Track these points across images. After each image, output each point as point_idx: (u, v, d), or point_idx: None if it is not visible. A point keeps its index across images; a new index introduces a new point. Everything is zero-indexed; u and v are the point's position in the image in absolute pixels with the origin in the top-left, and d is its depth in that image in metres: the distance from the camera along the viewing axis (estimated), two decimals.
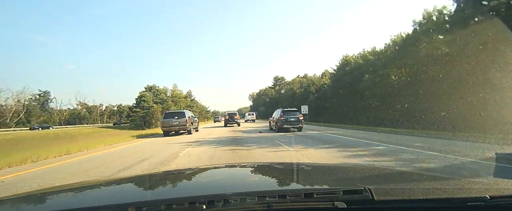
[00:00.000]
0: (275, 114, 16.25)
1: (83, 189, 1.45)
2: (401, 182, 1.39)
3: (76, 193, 1.36)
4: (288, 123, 14.43)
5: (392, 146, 7.68)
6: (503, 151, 5.75)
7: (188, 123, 15.37)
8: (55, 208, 1.08)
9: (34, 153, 8.48)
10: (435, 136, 9.78)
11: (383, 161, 5.40)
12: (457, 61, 13.53)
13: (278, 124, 14.60)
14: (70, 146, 10.37)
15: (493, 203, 0.87)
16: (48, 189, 1.69)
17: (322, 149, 7.41)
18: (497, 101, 9.44)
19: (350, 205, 0.89)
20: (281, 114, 14.77)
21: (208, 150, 7.93)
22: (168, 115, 15.69)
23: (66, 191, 1.42)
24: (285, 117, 14.47)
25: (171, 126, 15.00)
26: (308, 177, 1.53)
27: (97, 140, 14.71)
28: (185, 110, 16.81)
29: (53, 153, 8.52)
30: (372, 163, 5.24)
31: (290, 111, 15.29)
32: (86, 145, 10.98)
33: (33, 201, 1.18)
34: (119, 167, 5.82)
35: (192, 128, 16.15)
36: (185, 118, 15.15)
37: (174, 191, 1.31)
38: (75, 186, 1.60)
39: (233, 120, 24.63)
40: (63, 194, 1.33)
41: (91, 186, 1.53)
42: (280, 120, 14.47)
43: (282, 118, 14.44)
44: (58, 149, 9.63)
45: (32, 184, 4.64)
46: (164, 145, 10.14)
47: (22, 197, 1.31)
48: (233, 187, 1.31)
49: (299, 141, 9.90)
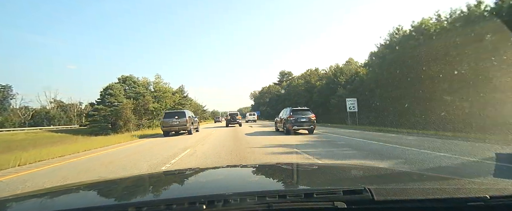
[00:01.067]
0: (283, 113, 14.53)
1: (83, 189, 1.45)
2: (401, 182, 1.39)
3: (76, 193, 1.36)
4: (298, 124, 12.71)
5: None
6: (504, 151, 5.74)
7: (189, 123, 15.28)
8: (55, 208, 1.08)
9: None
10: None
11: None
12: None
13: (287, 125, 12.97)
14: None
15: (493, 203, 0.87)
16: (47, 189, 1.69)
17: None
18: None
19: (350, 205, 0.89)
20: (290, 114, 12.96)
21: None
22: (168, 115, 15.69)
23: (66, 191, 1.42)
24: (295, 117, 12.71)
25: (171, 126, 14.97)
26: (308, 177, 1.53)
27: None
28: (185, 110, 16.74)
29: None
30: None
31: (301, 110, 13.38)
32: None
33: (33, 201, 1.18)
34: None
35: (192, 128, 16.07)
36: (185, 118, 15.10)
37: (174, 191, 1.31)
38: (75, 186, 1.60)
39: (235, 121, 24.99)
40: (63, 194, 1.33)
41: (91, 186, 1.53)
42: (289, 120, 12.78)
43: (292, 119, 12.71)
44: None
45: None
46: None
47: (21, 197, 1.31)
48: (233, 187, 1.31)
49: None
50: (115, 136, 17.59)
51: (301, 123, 12.73)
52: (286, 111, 14.10)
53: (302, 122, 12.73)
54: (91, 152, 9.46)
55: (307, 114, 13.08)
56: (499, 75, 11.27)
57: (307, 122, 12.79)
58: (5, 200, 1.14)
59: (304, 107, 14.45)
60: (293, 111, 13.08)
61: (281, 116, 14.68)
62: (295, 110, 13.22)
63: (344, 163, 5.13)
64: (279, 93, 60.56)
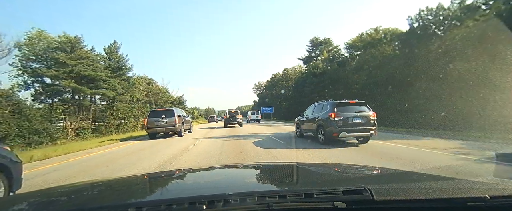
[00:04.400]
0: (315, 111, 9.50)
1: (83, 189, 1.45)
2: (401, 182, 1.39)
3: (76, 193, 1.36)
4: (348, 128, 7.87)
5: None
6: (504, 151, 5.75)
7: (178, 123, 13.42)
8: (55, 208, 1.08)
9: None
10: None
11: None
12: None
13: (329, 130, 8.08)
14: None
15: (493, 203, 0.87)
16: (48, 190, 1.69)
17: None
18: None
19: (350, 205, 0.89)
20: (333, 111, 8.09)
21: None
22: (153, 114, 13.83)
23: (66, 191, 1.42)
24: (343, 117, 7.96)
25: (158, 127, 13.19)
26: (308, 177, 1.54)
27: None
28: (174, 108, 15.04)
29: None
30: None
31: (351, 105, 8.39)
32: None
33: (33, 201, 1.18)
34: None
35: (183, 129, 14.32)
36: (174, 117, 13.28)
37: (174, 191, 1.31)
38: (75, 186, 1.60)
39: (235, 120, 20.81)
40: (63, 195, 1.33)
41: (91, 186, 1.53)
42: (332, 122, 7.97)
43: (337, 119, 7.93)
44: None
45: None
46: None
47: (21, 197, 1.31)
48: (233, 187, 1.31)
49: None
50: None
51: (355, 125, 7.96)
52: (323, 106, 9.06)
53: (356, 125, 7.98)
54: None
55: (362, 110, 8.22)
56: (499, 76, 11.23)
57: (364, 124, 7.99)
58: (4, 200, 1.14)
59: (357, 100, 8.77)
60: (339, 107, 8.23)
61: (311, 115, 9.76)
62: (341, 105, 8.34)
63: (344, 163, 5.14)
64: (313, 71, 34.46)
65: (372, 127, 7.98)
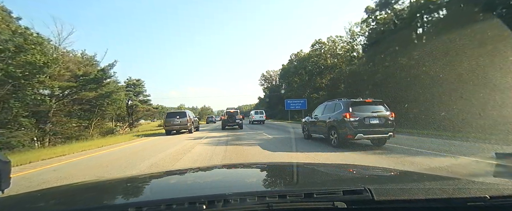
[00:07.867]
0: (326, 111, 8.70)
1: (83, 189, 1.45)
2: (401, 182, 1.39)
3: (76, 193, 1.36)
4: (364, 130, 7.10)
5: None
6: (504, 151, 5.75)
7: (189, 122, 16.46)
8: (55, 208, 1.08)
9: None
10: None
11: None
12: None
13: (342, 132, 7.31)
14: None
15: (493, 203, 0.87)
16: (48, 189, 1.70)
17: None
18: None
19: (350, 205, 0.89)
20: (348, 111, 7.30)
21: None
22: (170, 115, 16.89)
23: (66, 191, 1.42)
24: (360, 117, 7.16)
25: (173, 125, 16.15)
26: (308, 177, 1.53)
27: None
28: (186, 110, 18.09)
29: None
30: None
31: (366, 104, 7.59)
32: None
33: (33, 201, 1.18)
34: None
35: (193, 127, 17.42)
36: (186, 118, 16.34)
37: (174, 191, 1.30)
38: (75, 186, 1.60)
39: (234, 121, 18.99)
40: (63, 195, 1.33)
41: (91, 186, 1.53)
42: (348, 123, 7.17)
43: (352, 119, 7.15)
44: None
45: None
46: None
47: (22, 197, 1.31)
48: (233, 187, 1.31)
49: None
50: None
51: (371, 126, 7.16)
52: (332, 106, 8.31)
53: (373, 126, 7.17)
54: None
55: (380, 110, 7.46)
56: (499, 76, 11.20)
57: (382, 125, 7.19)
58: (4, 200, 1.14)
59: (373, 99, 7.96)
60: (354, 106, 7.42)
61: (320, 116, 8.97)
62: (356, 104, 7.51)
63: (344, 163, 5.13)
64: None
65: (390, 128, 7.23)
